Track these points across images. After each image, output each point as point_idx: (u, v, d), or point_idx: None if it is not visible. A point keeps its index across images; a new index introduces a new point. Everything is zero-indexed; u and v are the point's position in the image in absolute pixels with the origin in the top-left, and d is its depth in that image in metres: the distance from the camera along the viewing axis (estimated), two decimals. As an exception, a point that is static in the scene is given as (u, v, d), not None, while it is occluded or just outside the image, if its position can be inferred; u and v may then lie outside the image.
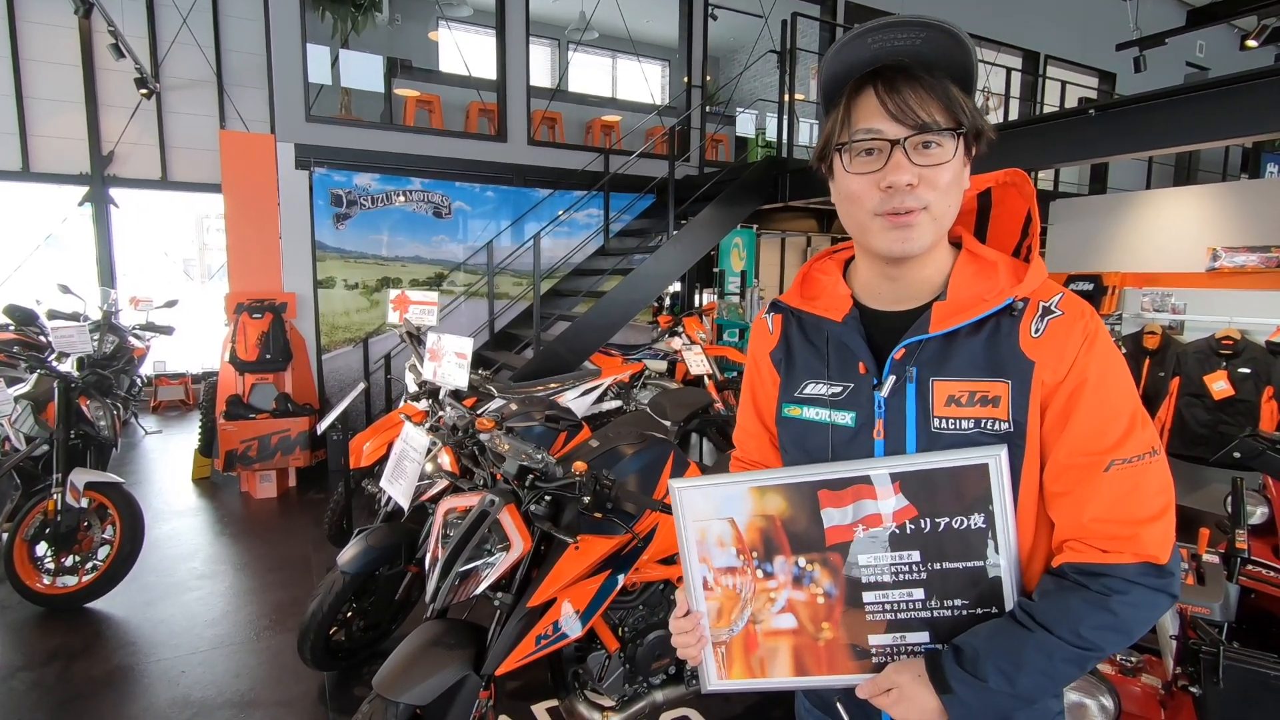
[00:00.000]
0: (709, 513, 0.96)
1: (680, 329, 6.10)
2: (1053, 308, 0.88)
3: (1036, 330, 0.87)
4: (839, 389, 0.97)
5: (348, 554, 2.58)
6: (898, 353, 0.92)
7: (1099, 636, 0.83)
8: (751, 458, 1.15)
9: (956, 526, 0.89)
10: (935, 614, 0.92)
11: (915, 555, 0.91)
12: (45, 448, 3.34)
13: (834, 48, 0.88)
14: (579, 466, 1.85)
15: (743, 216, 6.16)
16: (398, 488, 2.51)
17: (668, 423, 3.98)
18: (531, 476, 1.97)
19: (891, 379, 0.92)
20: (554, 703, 2.61)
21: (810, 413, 0.99)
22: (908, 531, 0.90)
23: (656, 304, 7.09)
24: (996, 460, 0.87)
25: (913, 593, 0.92)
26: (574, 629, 1.93)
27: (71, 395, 3.40)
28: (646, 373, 5.47)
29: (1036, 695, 0.85)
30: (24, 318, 5.22)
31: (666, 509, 1.86)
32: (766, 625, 0.97)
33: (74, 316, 5.55)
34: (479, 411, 2.91)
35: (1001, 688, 0.83)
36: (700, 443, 5.38)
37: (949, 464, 0.88)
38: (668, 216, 5.88)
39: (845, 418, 0.96)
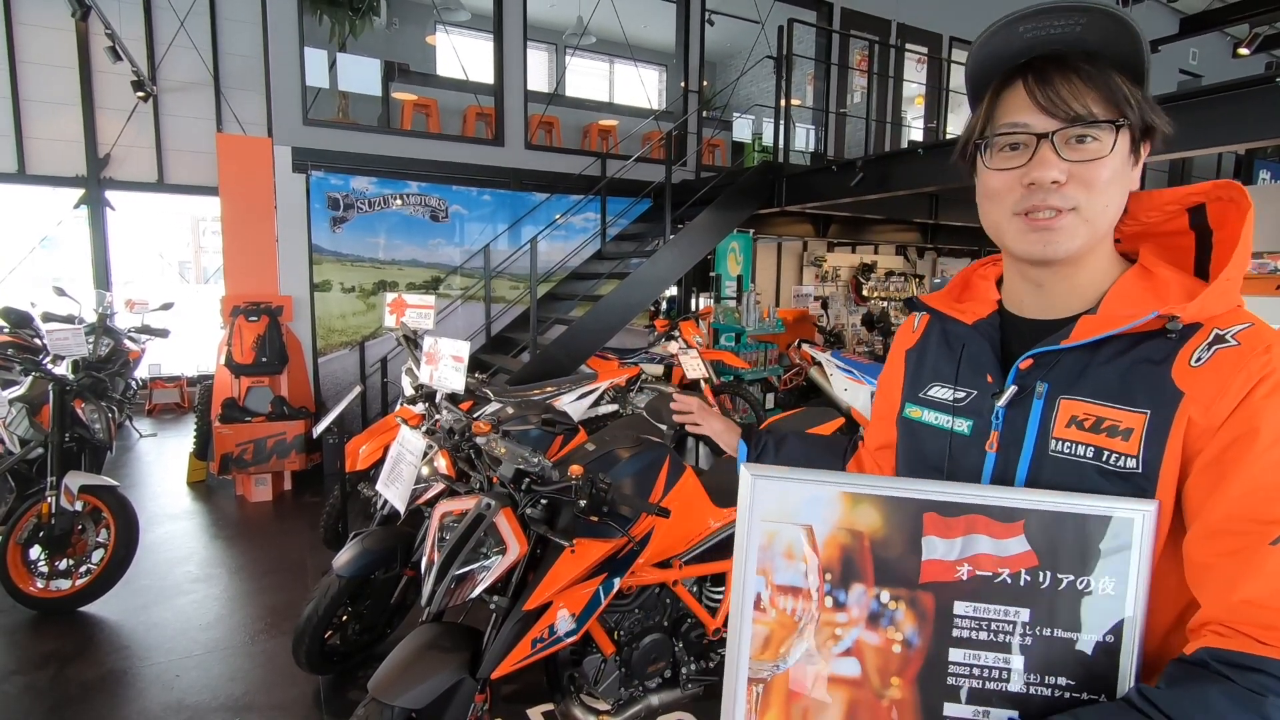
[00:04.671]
0: (784, 514, 0.79)
1: (677, 333, 6.11)
2: (1227, 336, 0.74)
3: (1198, 359, 0.74)
4: (963, 395, 0.90)
5: (343, 557, 2.58)
6: (1023, 362, 0.83)
7: None
8: (870, 449, 1.15)
9: (1080, 588, 0.75)
10: (1030, 689, 0.76)
11: (1025, 614, 0.76)
12: (40, 451, 3.33)
13: (982, 37, 0.81)
14: (575, 470, 1.85)
15: (739, 221, 6.18)
16: (394, 491, 2.51)
17: (664, 426, 3.97)
18: (528, 480, 1.97)
19: (1012, 389, 0.84)
20: (550, 706, 2.61)
21: (930, 416, 0.94)
22: (1021, 583, 0.76)
23: (653, 308, 7.10)
24: (1145, 516, 0.74)
25: (1010, 659, 0.76)
26: (570, 632, 1.93)
27: (66, 398, 3.39)
28: (643, 377, 5.47)
29: None
30: (19, 320, 5.20)
31: (662, 512, 1.86)
32: (823, 668, 0.79)
33: (69, 319, 5.53)
34: (475, 415, 2.91)
35: None
36: (696, 447, 5.38)
37: (1089, 510, 0.75)
38: (664, 221, 5.89)
39: (963, 425, 0.89)
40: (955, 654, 0.77)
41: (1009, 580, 0.76)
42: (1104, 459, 0.76)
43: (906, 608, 0.78)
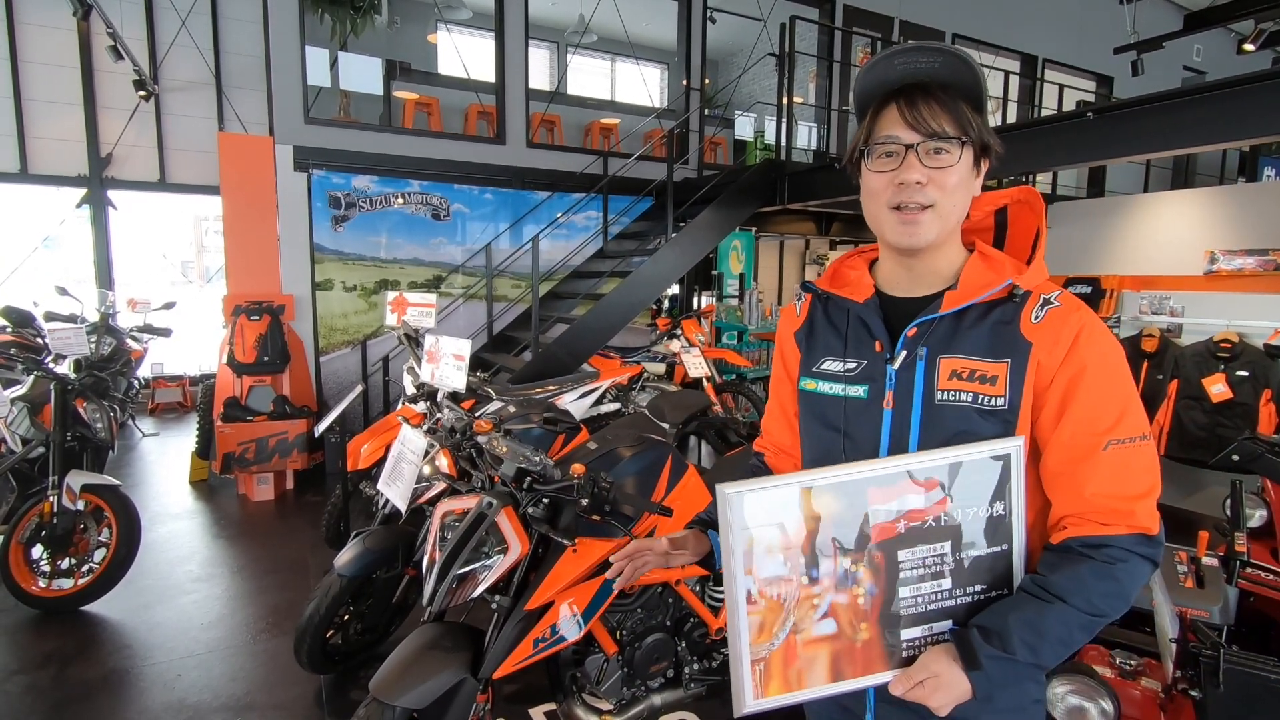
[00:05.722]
0: (760, 519, 0.93)
1: (679, 331, 6.10)
2: (1052, 300, 1.00)
3: (1036, 317, 0.98)
4: (854, 365, 1.08)
5: (345, 557, 2.57)
6: (910, 330, 1.03)
7: (1106, 603, 0.92)
8: (774, 440, 1.29)
9: (982, 515, 0.97)
10: (958, 601, 0.98)
11: (947, 546, 0.96)
12: (41, 450, 3.33)
13: (866, 67, 1.02)
14: (577, 469, 1.84)
15: (741, 219, 6.16)
16: (395, 490, 2.50)
17: (666, 425, 3.97)
18: (529, 479, 1.96)
19: (903, 354, 1.03)
20: (551, 706, 2.60)
21: (825, 386, 1.10)
22: (942, 523, 0.96)
23: (655, 306, 7.09)
24: (1017, 451, 0.96)
25: (941, 583, 0.97)
26: (572, 632, 1.92)
27: (68, 397, 3.39)
28: (645, 375, 5.47)
29: (1052, 663, 0.94)
30: (21, 319, 5.21)
31: (665, 511, 1.85)
32: (808, 634, 0.95)
33: (71, 318, 5.54)
34: (477, 414, 2.91)
35: (1026, 659, 0.91)
36: (699, 445, 5.37)
37: (977, 455, 0.95)
38: (666, 219, 5.88)
39: (859, 390, 1.06)
40: (904, 591, 0.96)
41: (933, 523, 0.95)
42: (979, 401, 0.98)
43: (864, 567, 0.95)
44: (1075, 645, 0.93)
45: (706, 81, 8.02)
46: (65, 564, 3.31)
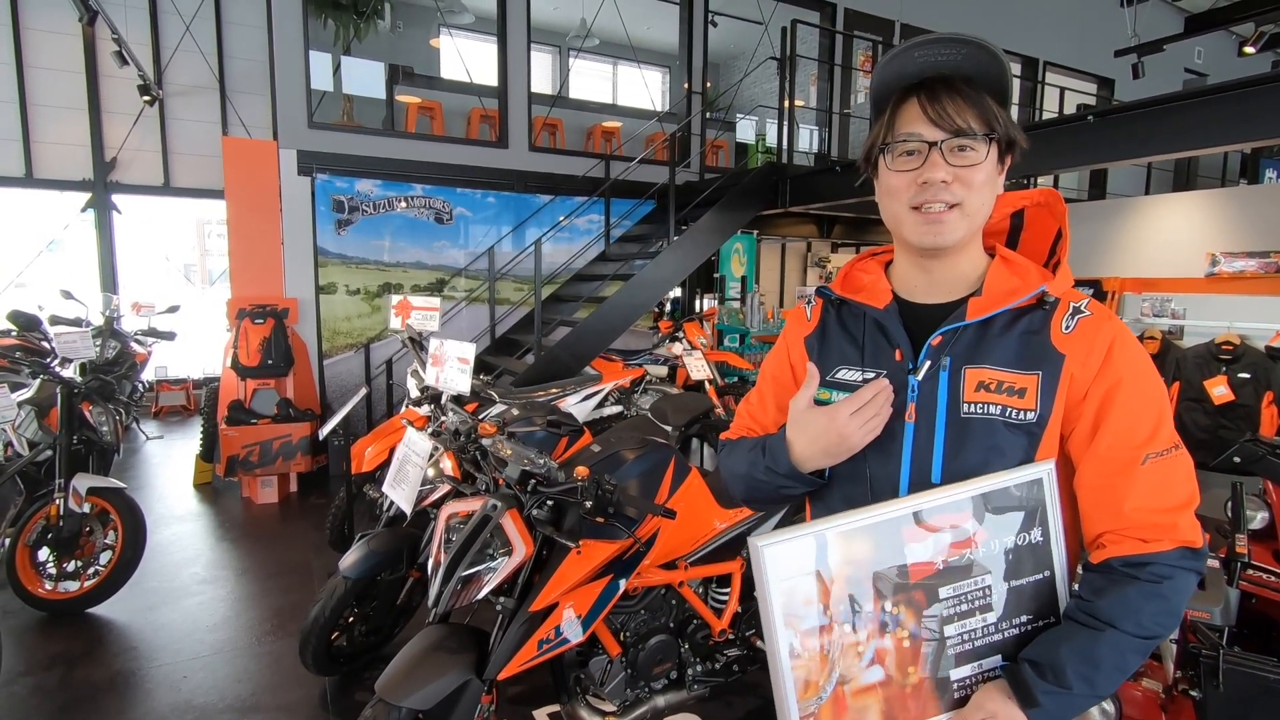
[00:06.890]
0: (794, 570, 0.89)
1: (681, 334, 6.11)
2: (1082, 308, 0.95)
3: (1067, 327, 0.93)
4: (872, 375, 1.00)
5: (349, 559, 2.59)
6: (935, 339, 0.96)
7: (1157, 624, 0.87)
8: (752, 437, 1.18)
9: (1021, 543, 0.92)
10: (1005, 635, 0.93)
11: (988, 579, 0.92)
12: (48, 453, 3.35)
13: (884, 60, 0.96)
14: (581, 471, 1.86)
15: (743, 222, 6.17)
16: (400, 493, 2.52)
17: (669, 428, 3.98)
18: (533, 481, 1.97)
19: (927, 364, 0.96)
20: (555, 707, 2.61)
21: (839, 397, 1.01)
22: (979, 555, 0.92)
23: (657, 309, 7.10)
24: (1049, 474, 0.92)
25: (987, 617, 0.92)
26: (576, 634, 1.93)
27: (74, 400, 3.41)
28: (647, 378, 5.47)
29: (1108, 692, 0.88)
30: (27, 323, 5.23)
31: (668, 513, 1.87)
32: (856, 684, 0.91)
33: (76, 322, 5.57)
34: (481, 416, 2.93)
35: (1083, 691, 0.86)
36: (701, 448, 5.38)
37: (1007, 482, 0.91)
38: (668, 222, 5.90)
39: None
40: (949, 629, 0.91)
41: (971, 556, 0.91)
42: (1007, 414, 0.93)
43: (906, 608, 0.90)
44: (1131, 670, 0.89)
45: (708, 85, 8.04)
46: (71, 566, 3.33)
